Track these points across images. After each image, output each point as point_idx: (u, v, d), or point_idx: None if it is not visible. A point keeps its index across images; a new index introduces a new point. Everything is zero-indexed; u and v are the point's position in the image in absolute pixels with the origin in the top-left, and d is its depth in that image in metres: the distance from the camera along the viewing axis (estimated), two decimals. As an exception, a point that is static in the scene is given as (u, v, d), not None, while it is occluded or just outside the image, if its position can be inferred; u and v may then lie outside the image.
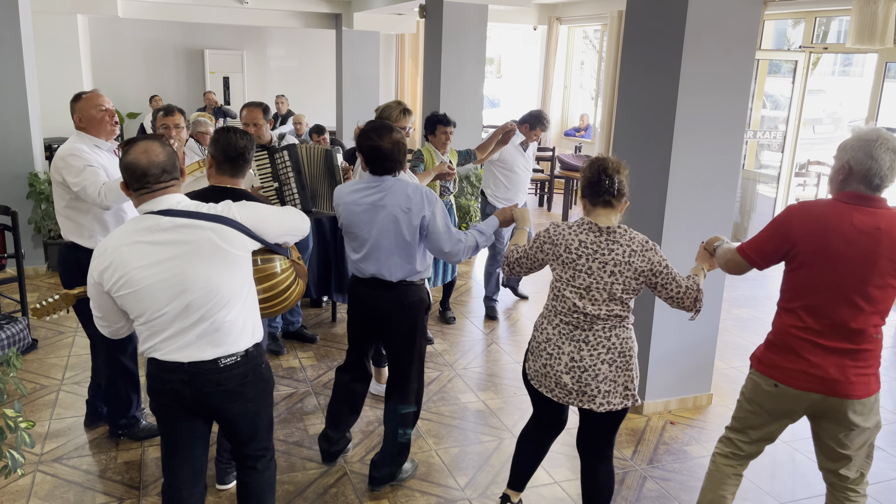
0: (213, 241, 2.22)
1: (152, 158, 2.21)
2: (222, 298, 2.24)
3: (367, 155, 3.02)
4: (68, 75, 9.67)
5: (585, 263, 2.58)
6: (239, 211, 2.32)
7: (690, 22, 3.68)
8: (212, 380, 2.28)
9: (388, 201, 3.00)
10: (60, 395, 4.19)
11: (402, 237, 3.01)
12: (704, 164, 3.93)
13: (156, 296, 2.19)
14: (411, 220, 2.99)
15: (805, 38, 7.93)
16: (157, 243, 2.19)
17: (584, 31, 12.23)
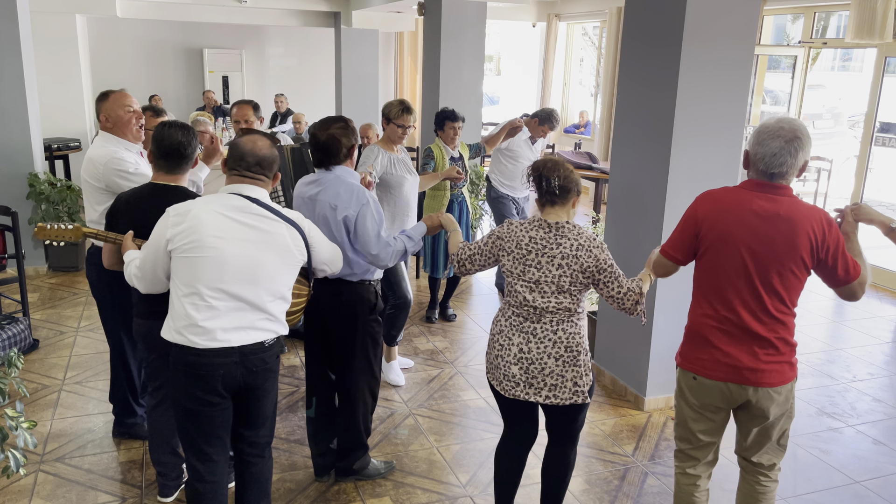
0: (286, 240, 2.46)
1: (255, 148, 2.46)
2: (277, 289, 2.45)
3: (310, 145, 3.09)
4: (67, 75, 9.66)
5: (535, 258, 2.63)
6: (307, 224, 2.59)
7: (689, 17, 3.67)
8: (260, 358, 2.46)
9: (322, 196, 3.03)
10: (62, 395, 4.19)
11: (331, 234, 3.00)
12: (704, 159, 3.92)
13: (227, 267, 2.34)
14: (336, 216, 2.99)
15: (804, 33, 7.92)
16: (242, 223, 2.38)
17: (583, 27, 12.22)
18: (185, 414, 2.47)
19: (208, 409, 2.45)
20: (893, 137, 7.54)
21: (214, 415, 2.47)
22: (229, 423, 2.54)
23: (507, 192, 5.96)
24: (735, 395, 2.49)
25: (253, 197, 2.44)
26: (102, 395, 4.18)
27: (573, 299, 2.63)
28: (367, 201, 3.01)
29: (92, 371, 4.52)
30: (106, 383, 4.33)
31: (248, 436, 2.61)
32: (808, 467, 3.67)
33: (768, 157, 2.37)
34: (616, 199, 4.34)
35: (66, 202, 6.40)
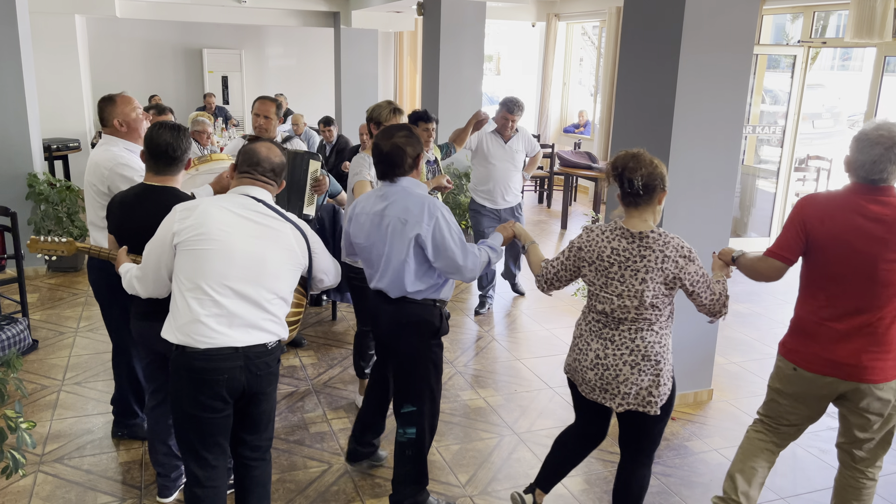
0: (290, 241, 2.50)
1: (269, 155, 2.55)
2: (281, 289, 2.47)
3: (373, 156, 2.92)
4: (67, 76, 9.66)
5: (618, 271, 2.56)
6: (309, 231, 2.61)
7: (688, 17, 3.67)
8: (264, 362, 2.46)
9: (390, 211, 2.84)
10: (61, 396, 4.19)
11: (398, 251, 2.84)
12: (704, 159, 3.92)
13: (233, 261, 2.37)
14: (406, 233, 2.80)
15: (804, 33, 7.92)
16: (249, 220, 2.43)
17: (582, 27, 12.22)
18: (185, 419, 2.45)
19: (210, 415, 2.43)
20: (893, 137, 7.55)
21: (216, 420, 2.45)
22: (230, 428, 2.54)
23: (482, 201, 5.52)
24: (834, 388, 2.61)
25: (260, 198, 2.49)
26: (102, 396, 4.18)
27: (655, 311, 2.57)
28: (439, 213, 2.82)
29: (91, 372, 4.52)
30: (105, 384, 4.34)
31: (250, 440, 2.61)
32: (808, 466, 3.67)
33: (868, 165, 2.48)
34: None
35: (65, 203, 6.40)
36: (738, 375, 4.73)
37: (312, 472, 3.50)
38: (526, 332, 5.43)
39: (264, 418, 2.60)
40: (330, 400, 4.24)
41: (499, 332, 5.38)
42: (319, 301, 5.83)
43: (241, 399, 2.49)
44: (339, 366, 4.71)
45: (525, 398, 4.32)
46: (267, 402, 2.58)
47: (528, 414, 4.13)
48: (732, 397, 4.41)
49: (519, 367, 4.78)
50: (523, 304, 6.05)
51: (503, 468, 3.57)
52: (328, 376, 4.55)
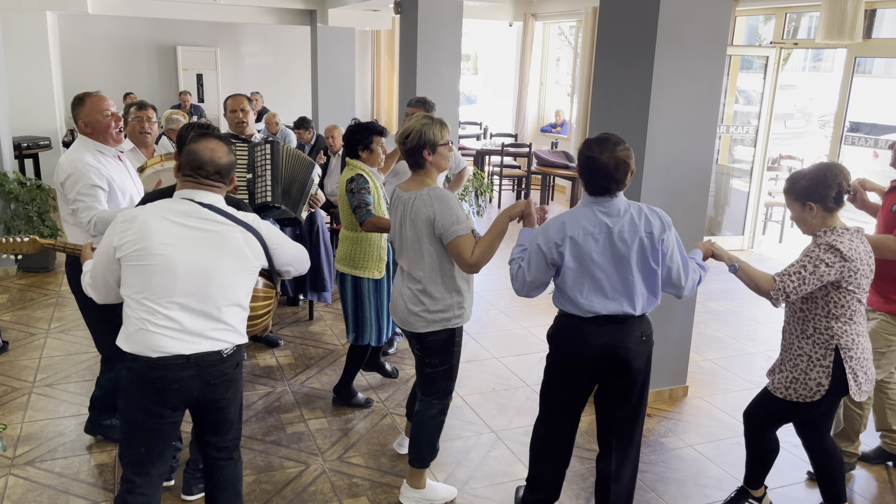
0: (240, 245, 2.37)
1: (214, 157, 2.38)
2: (233, 296, 2.37)
3: (584, 168, 2.67)
4: (37, 73, 9.50)
5: (867, 272, 2.82)
6: (263, 226, 2.48)
7: (663, 18, 3.70)
8: (218, 370, 2.38)
9: (628, 227, 2.66)
10: (32, 398, 4.12)
11: (647, 264, 2.69)
12: (678, 158, 3.96)
13: (177, 275, 2.26)
14: (654, 244, 2.66)
15: (776, 34, 8.03)
16: (190, 227, 2.31)
17: (559, 27, 12.28)
18: (131, 426, 2.38)
19: (157, 423, 2.36)
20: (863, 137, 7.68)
21: (162, 429, 2.39)
22: (174, 436, 2.49)
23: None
24: None
25: (206, 202, 2.36)
26: (73, 398, 4.12)
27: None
28: (671, 222, 2.73)
29: (63, 373, 4.45)
30: (77, 385, 4.28)
31: (214, 441, 2.57)
32: (780, 461, 3.72)
33: None
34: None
35: (35, 202, 6.29)
36: (713, 372, 4.79)
37: (289, 472, 3.48)
38: (503, 330, 5.44)
39: (226, 422, 2.53)
40: (307, 400, 4.21)
41: (476, 331, 5.39)
42: (296, 301, 5.80)
43: (198, 406, 2.44)
44: (315, 366, 4.68)
45: (502, 396, 4.33)
46: (229, 408, 2.51)
47: (506, 412, 4.15)
48: (707, 394, 4.46)
49: (496, 366, 4.79)
50: (500, 302, 6.06)
51: (481, 466, 3.58)
52: (305, 376, 4.53)
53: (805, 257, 2.77)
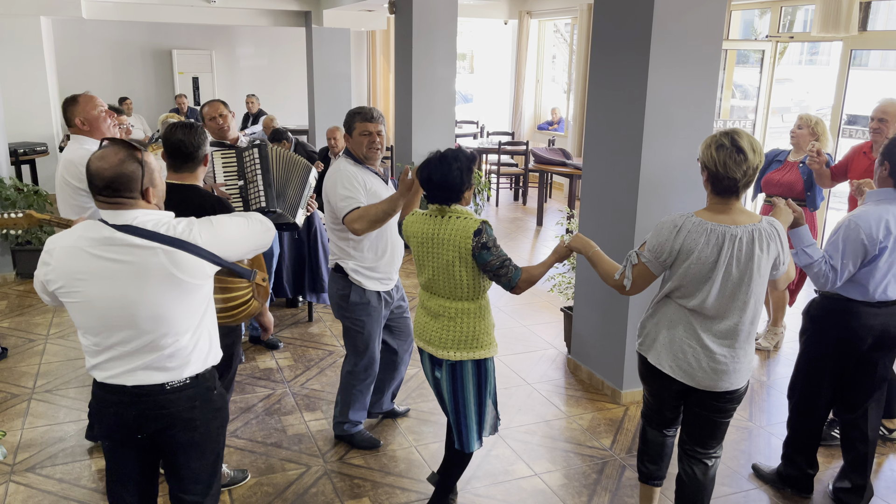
0: (166, 268, 2.01)
1: (99, 169, 2.00)
2: (171, 325, 2.06)
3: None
4: (33, 79, 9.48)
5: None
6: (201, 231, 2.09)
7: (657, 13, 3.70)
8: (156, 401, 2.10)
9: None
10: (32, 404, 4.11)
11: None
12: (675, 154, 3.95)
13: (96, 313, 2.03)
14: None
15: (771, 28, 8.02)
16: (105, 259, 2.00)
17: (554, 24, 12.27)
18: (103, 446, 2.27)
19: (112, 446, 2.21)
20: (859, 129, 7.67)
21: (121, 452, 2.21)
22: (141, 466, 2.25)
23: (373, 285, 3.45)
24: None
25: (120, 224, 2.01)
26: (73, 403, 4.11)
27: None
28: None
29: (62, 379, 4.44)
30: (77, 391, 4.27)
31: (174, 487, 2.30)
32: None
33: None
34: (589, 194, 4.36)
35: (33, 207, 6.28)
36: (714, 367, 4.77)
37: (290, 474, 3.47)
38: (503, 328, 5.43)
39: (187, 469, 2.23)
40: (307, 402, 4.21)
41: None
42: (296, 303, 5.79)
43: (155, 447, 2.20)
44: (315, 367, 4.68)
45: (503, 395, 4.32)
46: (188, 454, 2.21)
47: (507, 410, 4.14)
48: (708, 389, 4.45)
49: (497, 364, 4.78)
50: (500, 301, 6.05)
51: (482, 465, 3.57)
52: (305, 378, 4.52)
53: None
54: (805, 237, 2.95)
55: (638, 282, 2.60)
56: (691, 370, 2.57)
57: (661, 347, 2.63)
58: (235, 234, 2.21)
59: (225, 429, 2.32)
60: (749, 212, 2.52)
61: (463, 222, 2.70)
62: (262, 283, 2.57)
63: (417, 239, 2.81)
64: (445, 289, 2.79)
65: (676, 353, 2.59)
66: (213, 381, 2.23)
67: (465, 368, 2.82)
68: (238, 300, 2.56)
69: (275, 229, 2.39)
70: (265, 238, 2.35)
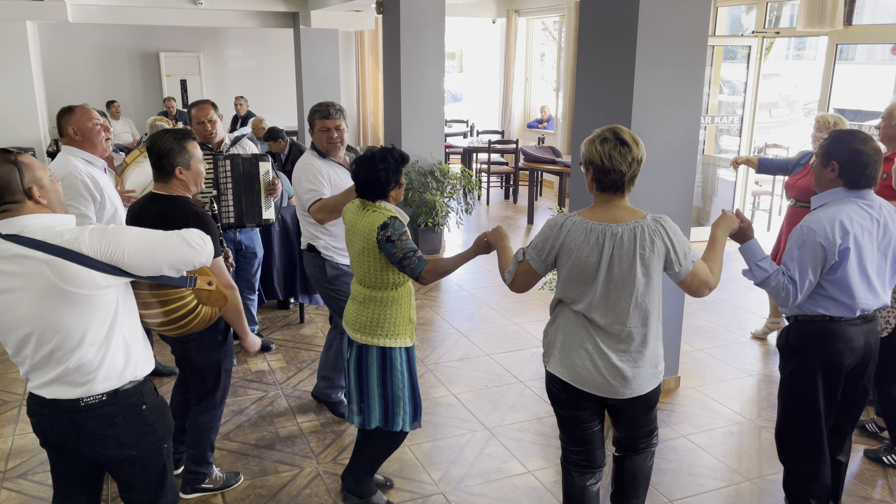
0: (48, 279, 1.91)
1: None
2: (71, 338, 1.97)
3: (849, 163, 2.63)
4: (19, 83, 9.44)
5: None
6: (91, 241, 1.95)
7: (643, 10, 3.71)
8: (70, 418, 2.05)
9: (886, 219, 2.70)
10: (22, 411, 4.09)
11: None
12: (663, 150, 3.97)
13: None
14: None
15: (758, 23, 8.06)
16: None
17: (542, 22, 12.29)
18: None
19: (51, 453, 2.19)
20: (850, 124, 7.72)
21: (58, 460, 2.20)
22: (79, 477, 2.22)
23: (340, 257, 3.77)
24: None
25: (9, 233, 1.94)
26: (65, 409, 4.10)
27: None
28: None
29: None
30: (68, 396, 4.25)
31: (121, 494, 2.29)
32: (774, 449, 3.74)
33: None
34: (579, 192, 4.38)
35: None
36: (704, 362, 4.80)
37: (283, 476, 3.47)
38: (494, 327, 5.44)
39: (131, 484, 2.22)
40: (299, 403, 4.20)
41: (468, 329, 5.39)
42: (287, 304, 5.78)
43: (72, 453, 2.15)
44: (307, 368, 4.67)
45: (495, 393, 4.34)
46: (125, 469, 2.17)
47: (499, 408, 4.15)
48: (699, 384, 4.48)
49: (488, 363, 4.79)
50: (491, 300, 6.07)
51: (476, 464, 3.58)
52: (297, 379, 4.51)
53: None
54: (756, 252, 2.75)
55: (521, 279, 2.55)
56: (591, 377, 2.45)
57: (559, 355, 2.52)
58: (136, 247, 2.02)
59: (166, 441, 2.25)
60: (635, 209, 2.42)
61: (373, 216, 2.84)
62: (209, 287, 2.39)
63: (346, 226, 3.02)
64: (359, 275, 2.96)
65: (574, 360, 2.47)
66: (139, 396, 2.13)
67: (369, 353, 2.95)
68: (181, 310, 2.36)
69: (208, 247, 2.22)
70: (187, 254, 2.14)
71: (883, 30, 6.98)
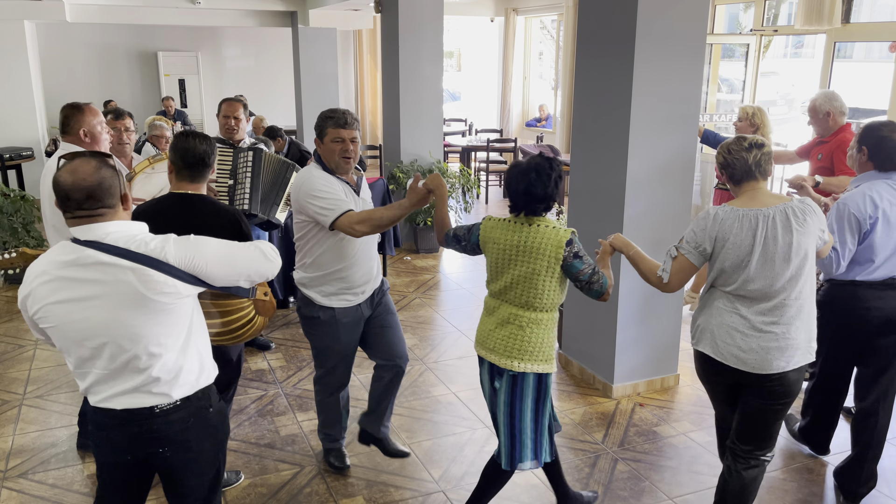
0: (133, 286, 1.93)
1: (77, 180, 1.92)
2: (149, 347, 1.99)
3: (879, 147, 3.06)
4: (18, 83, 9.43)
5: None
6: (175, 250, 1.99)
7: (642, 9, 3.72)
8: (147, 425, 2.05)
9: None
10: (23, 410, 4.10)
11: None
12: (662, 148, 3.98)
13: (73, 337, 1.98)
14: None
15: (756, 22, 8.07)
16: (74, 280, 1.94)
17: (540, 21, 12.29)
18: (97, 464, 2.22)
19: (101, 461, 2.17)
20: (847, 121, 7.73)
21: (113, 474, 2.18)
22: (131, 486, 2.21)
23: (337, 302, 3.18)
24: None
25: (90, 240, 1.95)
26: (65, 409, 4.10)
27: None
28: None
29: (53, 384, 4.42)
30: (68, 396, 4.25)
31: (171, 501, 2.30)
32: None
33: None
34: (578, 190, 4.38)
35: (20, 213, 6.24)
36: (704, 360, 4.81)
37: (284, 474, 3.47)
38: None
39: (179, 485, 2.21)
40: (300, 402, 4.21)
41: (467, 327, 5.40)
42: (287, 303, 5.78)
43: (149, 466, 2.15)
44: (307, 367, 4.68)
45: (495, 391, 4.34)
46: (182, 472, 2.17)
47: (499, 407, 4.15)
48: (698, 381, 4.48)
49: (488, 361, 4.79)
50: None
51: (476, 462, 3.59)
52: (297, 378, 4.52)
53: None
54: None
55: (678, 276, 2.67)
56: (742, 354, 2.61)
57: (712, 336, 2.69)
58: (216, 257, 2.08)
59: (224, 444, 2.27)
60: (778, 195, 2.66)
61: (553, 231, 2.64)
62: (265, 298, 2.46)
63: (499, 246, 2.68)
64: (522, 297, 2.68)
65: (726, 339, 2.64)
66: (207, 399, 2.16)
67: (525, 381, 2.71)
68: (240, 321, 2.45)
69: (279, 260, 2.27)
70: (264, 267, 2.21)
71: (881, 27, 6.99)
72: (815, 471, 3.53)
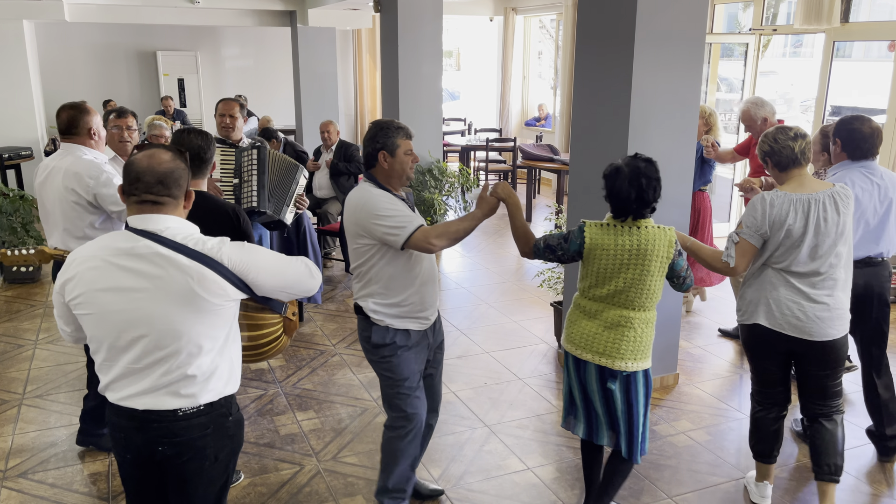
0: (188, 283, 1.93)
1: (152, 164, 1.95)
2: (188, 345, 1.97)
3: (848, 138, 3.36)
4: (16, 83, 9.41)
5: None
6: (230, 253, 2.00)
7: (641, 8, 3.72)
8: (166, 429, 2.01)
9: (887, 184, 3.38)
10: (22, 410, 4.10)
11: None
12: (661, 147, 3.98)
13: (110, 326, 1.95)
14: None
15: (755, 21, 8.07)
16: (127, 269, 1.93)
17: (539, 20, 12.29)
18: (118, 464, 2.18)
19: (122, 461, 2.13)
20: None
21: (130, 476, 2.14)
22: (153, 485, 2.15)
23: (409, 324, 2.90)
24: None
25: (150, 230, 1.95)
26: (64, 408, 4.10)
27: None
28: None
29: (53, 384, 4.42)
30: (67, 395, 4.25)
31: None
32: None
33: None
34: (577, 189, 4.38)
35: (19, 213, 6.24)
36: (703, 359, 4.82)
37: (284, 474, 3.48)
38: (493, 325, 5.45)
39: (186, 495, 2.13)
40: (299, 401, 4.21)
41: (467, 326, 5.40)
42: (286, 303, 5.78)
43: (160, 470, 2.11)
44: (307, 367, 4.68)
45: (494, 390, 4.35)
46: (194, 482, 2.10)
47: (499, 406, 4.16)
48: (698, 380, 4.49)
49: (487, 360, 4.80)
50: (490, 297, 6.07)
51: (475, 461, 3.59)
52: (297, 378, 4.52)
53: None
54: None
55: (743, 259, 2.94)
56: (800, 323, 2.91)
57: (768, 310, 2.96)
58: (267, 265, 2.08)
59: (237, 455, 2.23)
60: (821, 181, 2.97)
61: (661, 231, 2.72)
62: (292, 318, 2.43)
63: (610, 252, 2.68)
64: (634, 300, 2.71)
65: (784, 311, 2.93)
66: (228, 408, 2.12)
67: (636, 379, 2.78)
68: (268, 337, 2.41)
69: (321, 278, 2.26)
70: (305, 283, 2.19)
71: (880, 27, 6.99)
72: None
